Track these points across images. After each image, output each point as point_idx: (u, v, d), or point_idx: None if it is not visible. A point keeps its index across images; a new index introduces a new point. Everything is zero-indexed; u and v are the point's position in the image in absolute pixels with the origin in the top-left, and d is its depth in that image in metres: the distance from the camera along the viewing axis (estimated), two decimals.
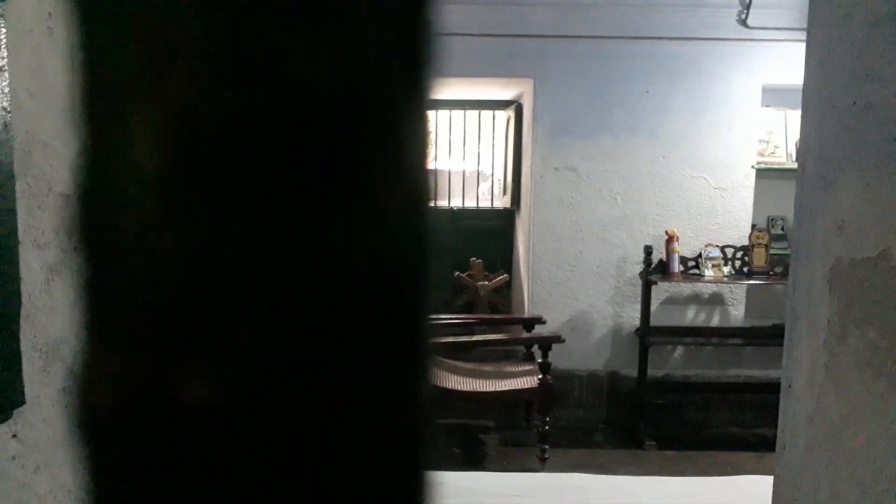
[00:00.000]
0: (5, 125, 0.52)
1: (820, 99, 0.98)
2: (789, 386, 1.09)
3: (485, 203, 4.99)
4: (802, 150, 1.05)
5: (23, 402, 0.54)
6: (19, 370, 0.54)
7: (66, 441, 0.67)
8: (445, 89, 4.41)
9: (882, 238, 0.85)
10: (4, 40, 0.52)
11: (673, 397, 4.11)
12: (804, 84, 1.04)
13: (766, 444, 3.53)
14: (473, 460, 3.62)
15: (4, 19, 0.56)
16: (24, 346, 0.59)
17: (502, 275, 4.54)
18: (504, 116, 4.71)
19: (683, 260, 3.92)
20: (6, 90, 0.52)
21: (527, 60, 3.97)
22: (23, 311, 0.55)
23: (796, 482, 1.05)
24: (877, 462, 0.85)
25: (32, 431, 0.61)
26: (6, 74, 0.52)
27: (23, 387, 0.54)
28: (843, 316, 0.92)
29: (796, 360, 1.06)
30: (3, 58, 0.51)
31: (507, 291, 4.70)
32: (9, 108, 0.52)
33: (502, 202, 4.80)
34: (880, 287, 0.84)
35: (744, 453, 3.65)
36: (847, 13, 0.88)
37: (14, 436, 0.59)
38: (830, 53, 0.94)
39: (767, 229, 4.15)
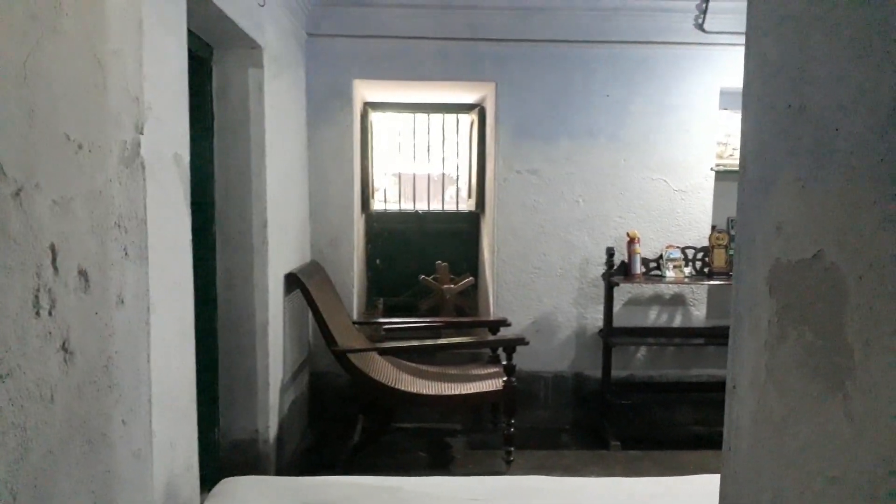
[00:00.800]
0: None
1: (758, 101, 0.99)
2: (734, 387, 1.09)
3: (451, 207, 4.99)
4: (743, 152, 1.06)
5: None
6: None
7: None
8: (409, 92, 4.40)
9: (817, 239, 0.86)
10: None
11: (637, 397, 4.14)
12: (744, 87, 1.05)
13: None
14: (440, 464, 3.61)
15: None
16: None
17: (468, 277, 4.54)
18: (468, 120, 4.71)
19: (645, 261, 3.96)
20: None
21: (489, 64, 3.98)
22: None
23: (741, 483, 1.06)
24: (815, 463, 0.86)
25: None
26: None
27: None
28: (783, 317, 0.93)
29: (740, 361, 1.08)
30: None
31: (472, 294, 4.70)
32: None
33: (467, 205, 4.80)
34: (815, 288, 0.85)
35: (707, 451, 3.70)
36: (782, 16, 0.89)
37: None
38: (767, 56, 0.95)
39: (727, 230, 4.22)
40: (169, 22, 1.84)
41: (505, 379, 3.32)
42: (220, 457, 2.87)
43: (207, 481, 2.18)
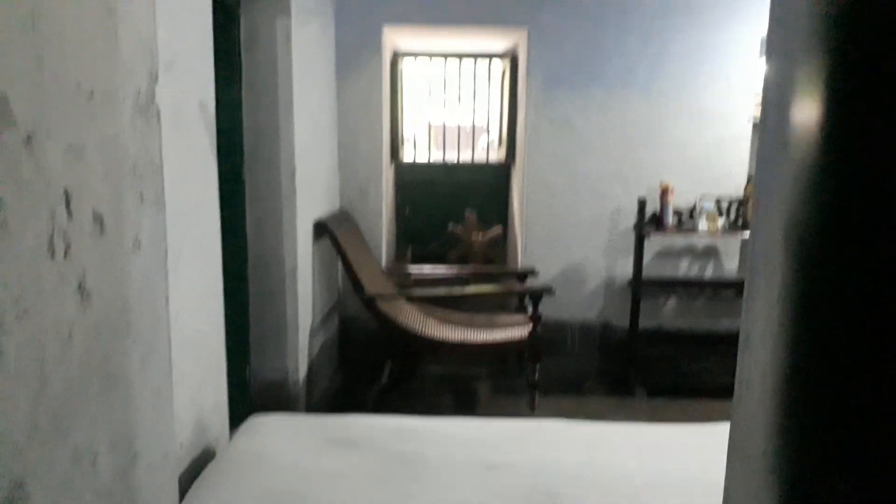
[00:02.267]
0: None
1: (781, 51, 0.95)
2: (747, 338, 1.09)
3: (482, 157, 4.95)
4: (764, 102, 1.03)
5: None
6: None
7: (0, 391, 0.68)
8: (439, 40, 4.33)
9: None
10: None
11: (665, 348, 4.14)
12: (768, 35, 1.01)
13: None
14: (465, 408, 3.69)
15: None
16: None
17: (497, 227, 4.54)
18: (500, 67, 4.63)
19: (678, 212, 3.90)
20: None
21: (521, 9, 3.88)
22: None
23: (748, 435, 1.07)
24: None
25: None
26: None
27: None
28: (797, 271, 0.92)
29: (753, 313, 1.07)
30: None
31: (501, 244, 4.70)
32: None
33: (498, 156, 4.76)
34: None
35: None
36: None
37: None
38: (789, 4, 0.91)
39: None
40: None
41: (531, 327, 3.34)
42: (252, 397, 2.98)
43: (238, 420, 2.27)
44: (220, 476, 1.81)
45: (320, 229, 3.41)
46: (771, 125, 1.05)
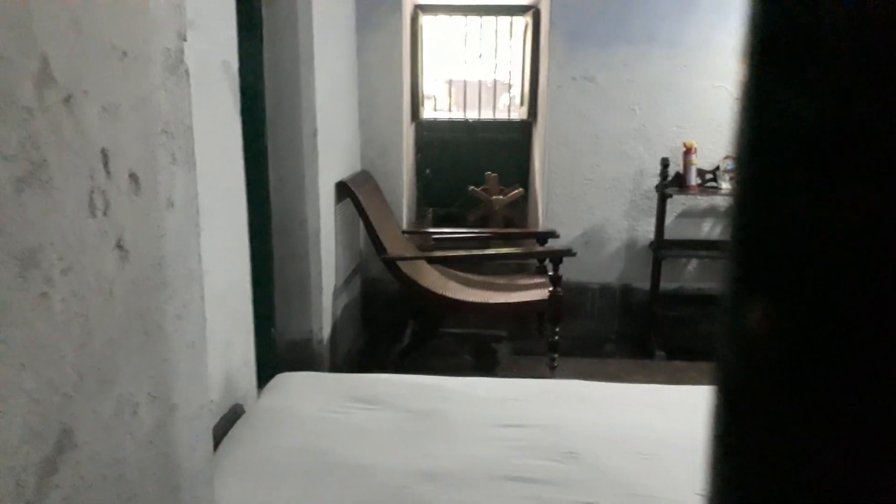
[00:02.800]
0: None
1: None
2: None
3: (503, 115, 4.90)
4: None
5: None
6: None
7: (49, 342, 0.71)
8: None
9: None
10: None
11: (685, 310, 4.14)
12: None
13: None
14: (485, 367, 3.73)
15: None
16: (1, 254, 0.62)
17: (517, 189, 4.52)
18: (522, 23, 4.55)
19: (701, 172, 3.85)
20: None
21: None
22: None
23: None
24: None
25: (14, 332, 0.65)
26: None
27: None
28: None
29: None
30: None
31: (521, 205, 4.69)
32: None
33: (519, 113, 4.72)
34: None
35: None
36: None
37: None
38: None
39: None
40: None
41: (551, 289, 3.36)
42: (277, 355, 3.04)
43: (264, 378, 2.32)
44: (250, 431, 1.87)
45: (342, 190, 3.42)
46: None
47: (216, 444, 1.78)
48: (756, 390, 0.27)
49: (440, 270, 3.75)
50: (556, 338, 3.44)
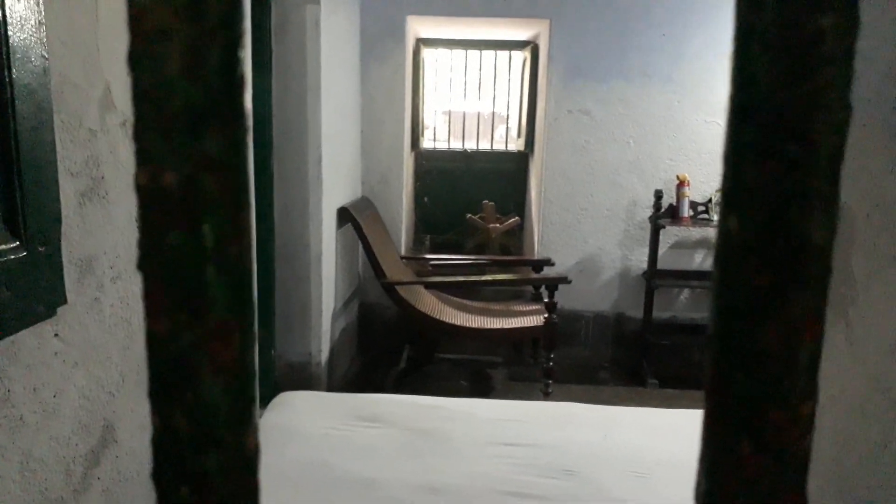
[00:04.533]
0: (45, 70, 0.60)
1: None
2: None
3: (500, 146, 5.02)
4: None
5: (65, 302, 0.65)
6: (62, 277, 0.65)
7: (98, 343, 0.78)
8: (462, 28, 4.40)
9: None
10: None
11: (678, 339, 4.21)
12: None
13: None
14: (481, 393, 3.78)
15: None
16: (64, 259, 0.69)
17: (514, 217, 4.62)
18: (520, 57, 4.69)
19: (693, 205, 3.96)
20: (44, 40, 0.60)
21: (544, 0, 3.94)
22: (62, 229, 0.65)
23: None
24: (828, 390, 0.94)
25: (71, 332, 0.72)
26: (44, 27, 0.60)
27: (65, 290, 0.65)
28: None
29: None
30: (41, 12, 0.60)
31: (518, 234, 4.78)
32: (47, 56, 0.60)
33: (516, 145, 4.83)
34: None
35: None
36: None
37: (56, 335, 0.70)
38: None
39: None
40: None
41: (546, 315, 3.42)
42: (276, 376, 3.09)
43: (264, 398, 2.37)
44: None
45: (343, 216, 3.50)
46: None
47: None
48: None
49: (437, 296, 3.82)
50: (551, 364, 3.50)
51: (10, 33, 0.57)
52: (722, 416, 0.14)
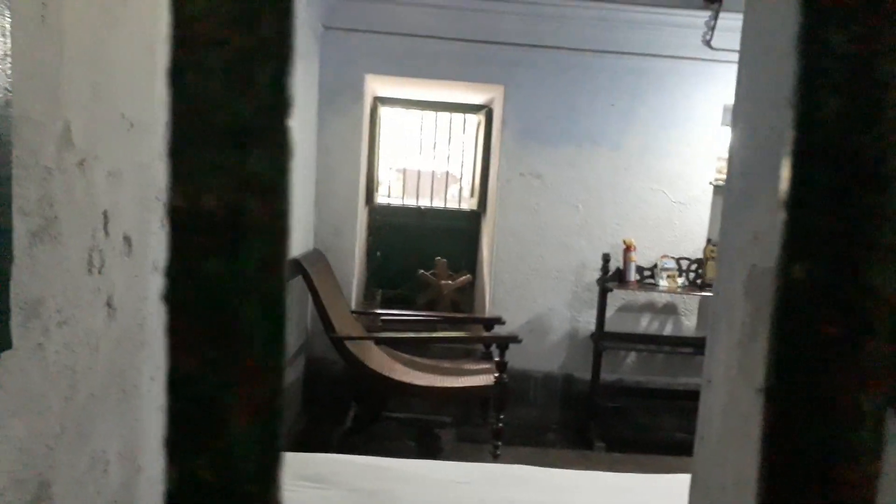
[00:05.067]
0: (7, 103, 0.58)
1: (745, 121, 1.08)
2: (709, 381, 1.19)
3: (453, 204, 5.08)
4: (729, 168, 1.15)
5: (9, 346, 0.60)
6: (7, 320, 0.61)
7: (39, 392, 0.73)
8: (419, 90, 4.49)
9: None
10: (9, 28, 0.59)
11: (624, 401, 4.24)
12: (734, 107, 1.14)
13: None
14: (428, 454, 3.70)
15: (7, 8, 0.63)
16: (11, 301, 0.65)
17: (465, 275, 4.63)
18: (475, 120, 4.80)
19: (640, 269, 4.05)
20: (9, 72, 0.58)
21: (498, 67, 4.07)
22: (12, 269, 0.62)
23: (710, 468, 1.15)
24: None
25: (11, 379, 0.68)
26: (9, 59, 0.58)
27: (10, 334, 0.61)
28: (755, 318, 1.02)
29: (715, 357, 1.17)
30: (6, 44, 0.58)
31: (469, 291, 4.79)
32: (10, 89, 0.58)
33: (469, 204, 4.90)
34: None
35: (689, 458, 3.77)
36: (768, 46, 0.98)
37: None
38: (754, 81, 1.04)
39: None
40: None
41: (497, 375, 3.40)
42: None
43: None
44: None
45: (294, 267, 3.45)
46: (735, 188, 1.17)
47: None
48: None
49: (387, 352, 3.76)
50: (501, 425, 3.46)
51: None
52: (782, 472, 0.13)
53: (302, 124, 3.60)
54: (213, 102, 0.13)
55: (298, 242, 3.66)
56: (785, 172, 0.15)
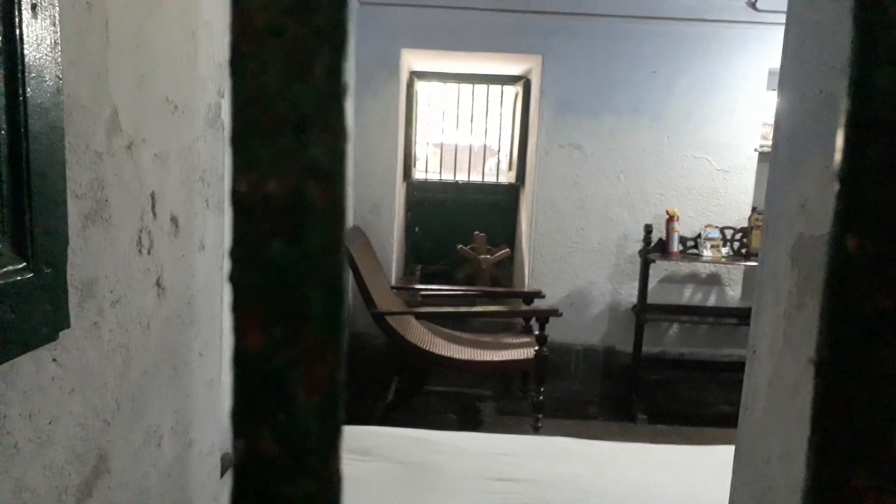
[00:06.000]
0: (58, 90, 0.60)
1: (792, 86, 1.05)
2: (754, 352, 1.17)
3: (490, 178, 5.05)
4: (776, 135, 1.12)
5: (68, 326, 0.63)
6: (66, 300, 0.63)
7: (96, 369, 0.76)
8: (455, 62, 4.45)
9: None
10: (58, 17, 0.61)
11: (667, 374, 4.20)
12: (780, 71, 1.11)
13: None
14: (469, 426, 3.74)
15: None
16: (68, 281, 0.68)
17: (504, 249, 4.62)
18: (513, 92, 4.75)
19: (683, 240, 3.99)
20: (59, 60, 0.60)
21: (536, 36, 4.00)
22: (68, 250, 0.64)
23: (755, 441, 1.14)
24: None
25: (69, 358, 0.70)
26: (59, 47, 0.60)
27: (68, 314, 0.64)
28: (802, 287, 1.00)
29: (760, 328, 1.15)
30: (56, 32, 0.60)
31: (508, 265, 4.78)
32: (61, 76, 0.60)
33: (507, 177, 4.87)
34: None
35: (733, 430, 3.73)
36: (816, 5, 0.95)
37: (54, 360, 0.68)
38: (803, 44, 1.00)
39: None
40: None
41: (536, 348, 3.41)
42: None
43: None
44: None
45: None
46: (781, 155, 1.14)
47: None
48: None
49: (427, 327, 3.79)
50: (541, 398, 3.47)
51: (25, 52, 0.57)
52: (834, 446, 0.13)
53: None
54: (273, 91, 0.13)
55: None
56: (839, 143, 0.15)
